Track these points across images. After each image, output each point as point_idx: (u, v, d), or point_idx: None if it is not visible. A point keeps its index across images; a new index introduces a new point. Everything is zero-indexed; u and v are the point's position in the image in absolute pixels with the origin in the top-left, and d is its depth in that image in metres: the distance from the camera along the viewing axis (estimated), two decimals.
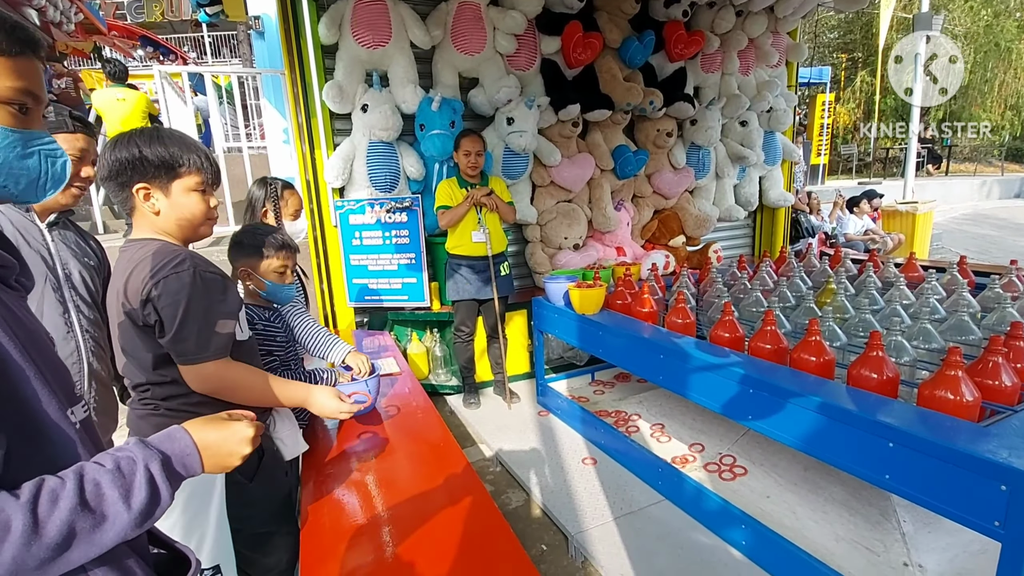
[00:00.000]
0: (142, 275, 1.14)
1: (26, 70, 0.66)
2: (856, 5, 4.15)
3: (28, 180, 0.68)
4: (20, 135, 0.66)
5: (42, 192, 0.70)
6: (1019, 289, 2.29)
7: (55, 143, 0.71)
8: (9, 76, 0.64)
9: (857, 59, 19.54)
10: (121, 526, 0.62)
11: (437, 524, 1.29)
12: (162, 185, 1.17)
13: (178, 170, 1.17)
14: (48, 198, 0.72)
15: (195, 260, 1.20)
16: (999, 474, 1.20)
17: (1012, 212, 11.65)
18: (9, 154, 0.65)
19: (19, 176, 0.67)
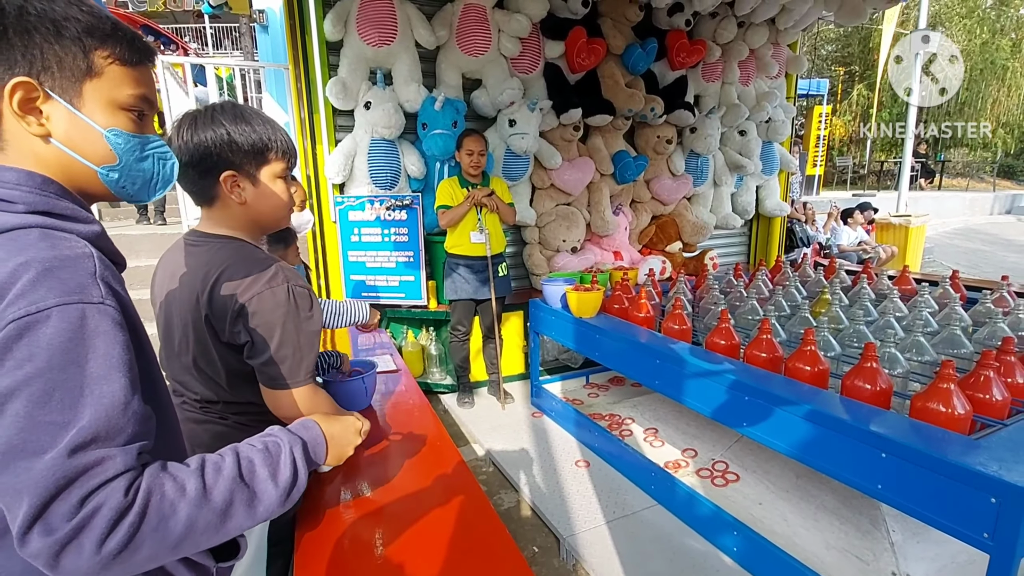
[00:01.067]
0: (232, 286, 1.03)
1: (144, 78, 0.71)
2: (856, 20, 4.19)
3: (143, 181, 0.73)
4: (139, 139, 0.71)
5: (154, 192, 0.75)
6: (1010, 304, 2.32)
7: (165, 146, 0.75)
8: (131, 84, 0.69)
9: (854, 72, 19.72)
10: (269, 502, 0.70)
11: (432, 522, 1.29)
12: (250, 173, 1.05)
13: (267, 155, 1.05)
14: (158, 197, 0.77)
15: (286, 272, 1.09)
16: (990, 487, 1.22)
17: (1003, 228, 11.79)
18: (129, 157, 0.71)
19: (136, 177, 0.72)
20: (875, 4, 4.02)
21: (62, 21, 0.63)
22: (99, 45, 0.66)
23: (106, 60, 0.67)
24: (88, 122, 0.67)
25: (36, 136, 0.65)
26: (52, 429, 0.55)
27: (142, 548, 0.58)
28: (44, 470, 0.54)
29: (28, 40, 0.61)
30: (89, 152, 0.68)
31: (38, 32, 0.62)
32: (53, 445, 0.54)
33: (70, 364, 0.56)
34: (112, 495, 0.56)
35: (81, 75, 0.65)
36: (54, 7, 0.63)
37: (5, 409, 0.54)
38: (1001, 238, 10.66)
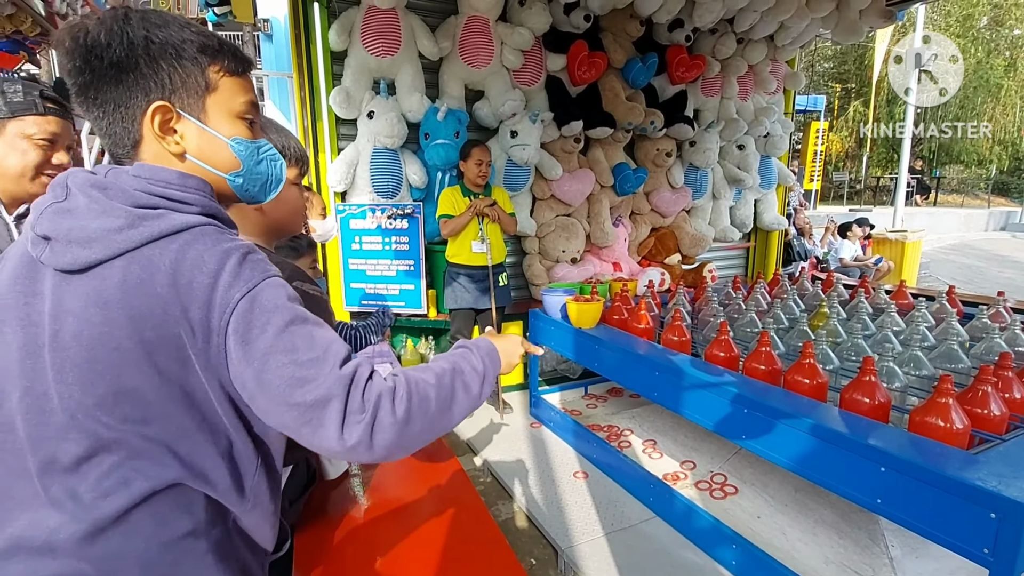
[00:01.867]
0: None
1: (249, 85, 0.78)
2: (854, 38, 4.26)
3: (262, 183, 0.81)
4: (255, 144, 0.78)
5: (270, 191, 0.83)
6: (1006, 320, 2.33)
7: (273, 148, 0.82)
8: (242, 93, 0.76)
9: (851, 89, 19.97)
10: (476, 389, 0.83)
11: (430, 532, 1.29)
12: None
13: None
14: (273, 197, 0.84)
15: (301, 277, 1.13)
16: (989, 502, 1.22)
17: (997, 244, 11.88)
18: (250, 162, 0.78)
19: (256, 180, 0.80)
20: (871, 23, 4.09)
21: (180, 44, 0.69)
22: (211, 61, 0.72)
23: (219, 74, 0.73)
24: (215, 134, 0.74)
25: (174, 155, 0.72)
26: (313, 363, 0.67)
27: (415, 420, 0.71)
28: (333, 383, 0.66)
29: (157, 67, 0.68)
30: (218, 162, 0.75)
31: (164, 58, 0.68)
32: (324, 370, 0.67)
33: (295, 318, 0.68)
34: (378, 383, 0.70)
35: (202, 91, 0.72)
36: (171, 33, 0.69)
37: (269, 363, 0.65)
38: (996, 254, 10.74)
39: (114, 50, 0.66)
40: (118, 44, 0.66)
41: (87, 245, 0.64)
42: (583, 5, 3.51)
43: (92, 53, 0.66)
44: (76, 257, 0.64)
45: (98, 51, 0.65)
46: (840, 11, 3.98)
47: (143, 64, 0.67)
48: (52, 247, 0.65)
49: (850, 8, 3.92)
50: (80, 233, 0.65)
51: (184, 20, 0.71)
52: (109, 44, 0.66)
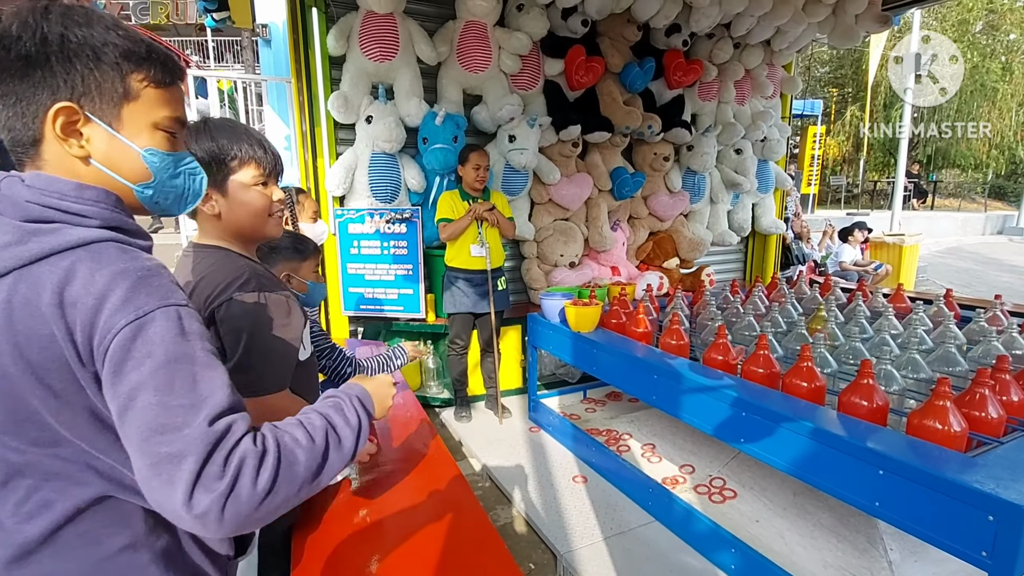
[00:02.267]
0: (205, 293, 1.07)
1: (176, 97, 0.74)
2: (850, 42, 4.29)
3: (176, 196, 0.77)
4: (173, 157, 0.75)
5: (186, 205, 0.80)
6: (1003, 323, 2.34)
7: (195, 162, 0.79)
8: (165, 106, 0.72)
9: (847, 94, 20.04)
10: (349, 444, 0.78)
11: (429, 536, 1.28)
12: (217, 184, 1.07)
13: (229, 164, 1.07)
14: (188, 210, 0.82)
15: (260, 280, 1.11)
16: (987, 505, 1.22)
17: (994, 248, 11.91)
18: (164, 175, 0.74)
19: (169, 193, 0.76)
20: (868, 27, 4.11)
21: (101, 47, 0.65)
22: (135, 69, 0.68)
23: (142, 83, 0.69)
24: (127, 143, 0.69)
25: (76, 157, 0.68)
26: (183, 409, 0.61)
27: (280, 489, 0.65)
28: (193, 440, 0.60)
29: (70, 67, 0.64)
30: (126, 171, 0.71)
31: (79, 59, 0.64)
32: (191, 421, 0.61)
33: (182, 356, 0.63)
34: (247, 448, 0.64)
35: (119, 99, 0.68)
36: (93, 33, 0.65)
37: (136, 401, 0.60)
38: (993, 258, 10.76)
39: (24, 43, 0.62)
40: (29, 38, 0.62)
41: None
42: (581, 10, 3.52)
43: (1, 43, 0.62)
44: None
45: (6, 42, 0.62)
46: (836, 16, 4.01)
47: (54, 62, 0.63)
48: None
49: (846, 13, 3.94)
50: None
51: (113, 21, 0.68)
52: (20, 37, 0.62)
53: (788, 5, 3.75)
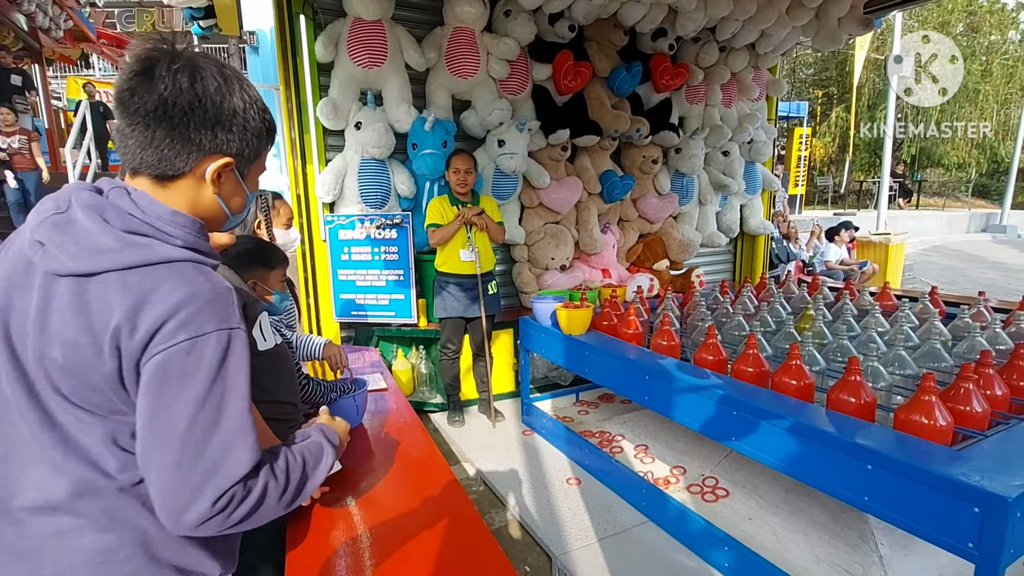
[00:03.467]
0: None
1: None
2: (833, 45, 4.35)
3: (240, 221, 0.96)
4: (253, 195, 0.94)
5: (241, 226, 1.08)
6: (987, 319, 2.38)
7: None
8: (264, 162, 0.92)
9: (832, 95, 20.31)
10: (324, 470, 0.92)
11: (424, 541, 1.28)
12: None
13: None
14: None
15: None
16: (973, 497, 1.24)
17: (978, 246, 12.09)
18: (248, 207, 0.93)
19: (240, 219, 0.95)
20: (850, 30, 4.18)
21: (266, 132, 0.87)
22: (267, 144, 0.89)
23: (265, 151, 0.91)
24: (245, 189, 0.89)
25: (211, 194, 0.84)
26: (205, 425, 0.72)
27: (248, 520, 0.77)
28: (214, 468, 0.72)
29: (244, 136, 0.83)
30: (233, 205, 0.89)
31: (248, 131, 0.83)
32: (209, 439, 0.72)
33: (219, 378, 0.74)
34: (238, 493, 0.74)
35: (252, 161, 0.88)
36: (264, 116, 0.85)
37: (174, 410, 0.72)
38: (977, 256, 10.93)
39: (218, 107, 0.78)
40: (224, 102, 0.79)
41: (75, 257, 0.71)
42: (568, 15, 3.55)
43: (199, 100, 0.76)
44: (62, 265, 0.71)
45: (205, 102, 0.77)
46: (819, 19, 4.07)
47: (235, 129, 0.81)
48: (45, 252, 0.72)
49: (829, 16, 4.01)
50: (73, 246, 0.72)
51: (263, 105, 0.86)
52: (216, 103, 0.78)
53: (772, 9, 3.80)
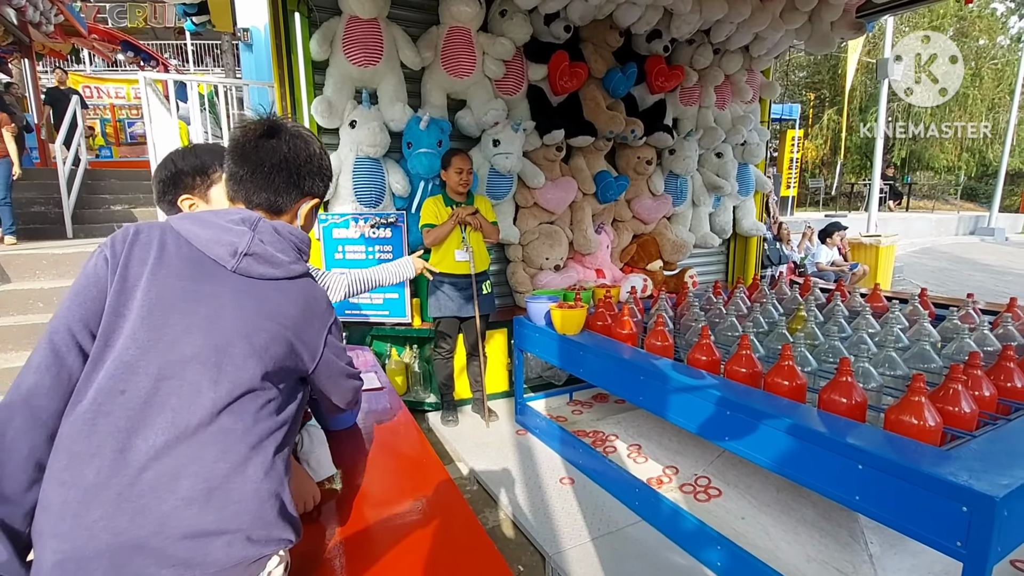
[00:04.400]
0: None
1: None
2: (826, 48, 4.38)
3: None
4: None
5: None
6: (976, 321, 2.42)
7: None
8: None
9: (824, 98, 20.47)
10: None
11: (419, 541, 1.28)
12: (201, 193, 1.27)
13: (211, 176, 1.26)
14: None
15: None
16: (961, 496, 1.26)
17: (967, 248, 12.22)
18: None
19: None
20: (843, 34, 4.21)
21: (328, 174, 1.13)
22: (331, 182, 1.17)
23: None
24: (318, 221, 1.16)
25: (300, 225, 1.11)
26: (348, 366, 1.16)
27: None
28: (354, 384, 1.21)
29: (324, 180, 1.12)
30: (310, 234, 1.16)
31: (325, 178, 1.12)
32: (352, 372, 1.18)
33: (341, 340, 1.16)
34: None
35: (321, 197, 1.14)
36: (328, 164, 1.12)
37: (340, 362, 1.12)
38: (966, 258, 11.05)
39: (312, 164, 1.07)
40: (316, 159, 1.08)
41: (277, 266, 0.97)
42: (563, 16, 3.56)
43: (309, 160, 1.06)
44: (265, 272, 0.96)
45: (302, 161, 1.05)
46: (812, 23, 4.10)
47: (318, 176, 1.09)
48: (247, 261, 0.95)
49: (822, 20, 4.04)
50: (273, 259, 0.97)
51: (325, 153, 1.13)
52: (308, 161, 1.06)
53: (766, 12, 3.83)
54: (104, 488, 0.80)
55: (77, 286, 0.91)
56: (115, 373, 0.85)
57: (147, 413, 0.84)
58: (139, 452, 0.83)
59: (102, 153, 9.81)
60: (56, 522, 0.79)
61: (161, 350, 0.87)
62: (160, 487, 0.82)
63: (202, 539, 0.82)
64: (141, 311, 0.88)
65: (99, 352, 0.87)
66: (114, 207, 6.11)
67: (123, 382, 0.85)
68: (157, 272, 0.90)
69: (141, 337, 0.87)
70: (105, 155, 9.83)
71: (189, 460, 0.84)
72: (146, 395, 0.85)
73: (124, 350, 0.86)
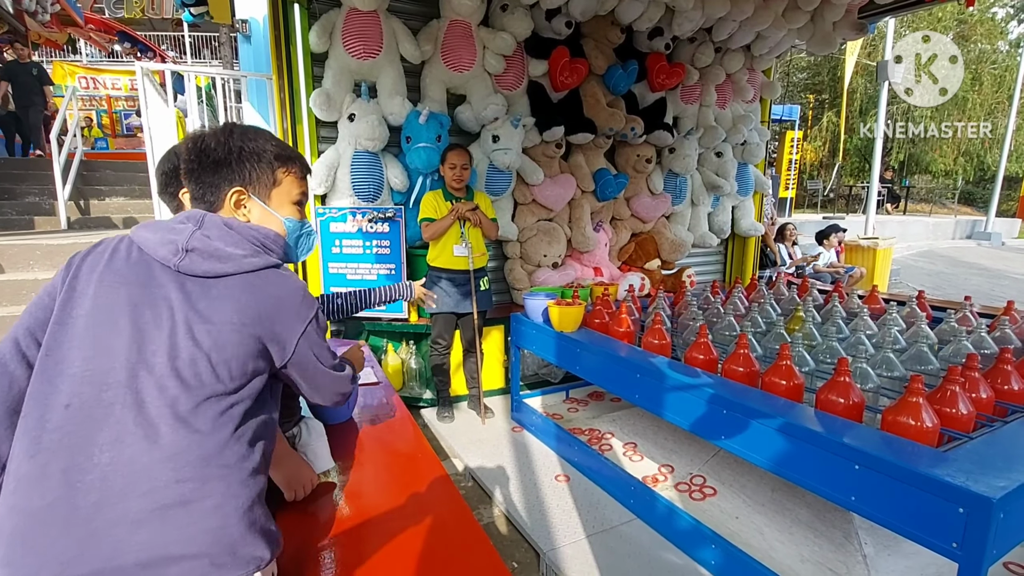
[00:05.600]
0: None
1: (304, 183, 1.12)
2: (828, 49, 4.38)
3: (295, 252, 1.14)
4: (299, 223, 1.13)
5: (300, 255, 1.18)
6: (973, 324, 2.41)
7: (311, 227, 1.18)
8: (297, 187, 1.10)
9: (824, 100, 20.49)
10: None
11: (414, 536, 1.27)
12: None
13: None
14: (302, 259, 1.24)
15: None
16: (958, 497, 1.26)
17: (964, 252, 12.26)
18: (293, 234, 1.12)
19: (296, 250, 1.14)
20: (844, 35, 4.20)
21: (261, 152, 1.03)
22: (280, 166, 1.06)
23: (284, 174, 1.07)
24: (273, 213, 1.06)
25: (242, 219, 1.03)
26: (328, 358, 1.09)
27: None
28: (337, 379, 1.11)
29: (242, 166, 1.02)
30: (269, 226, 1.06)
31: (248, 161, 1.02)
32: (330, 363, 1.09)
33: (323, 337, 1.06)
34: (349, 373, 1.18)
35: (270, 185, 1.05)
36: (257, 144, 1.02)
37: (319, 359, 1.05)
38: (963, 261, 11.09)
39: (217, 152, 1.00)
40: (221, 148, 0.99)
41: (224, 261, 0.91)
42: (565, 11, 3.54)
43: (204, 153, 1.00)
44: (211, 268, 0.90)
45: (207, 151, 0.99)
46: (815, 23, 4.09)
47: (234, 163, 1.00)
48: (190, 257, 0.89)
49: (824, 20, 4.03)
50: (219, 252, 0.92)
51: (269, 135, 1.05)
52: (215, 148, 1.00)
53: (768, 11, 3.82)
54: (50, 513, 0.75)
55: (36, 296, 0.92)
56: (59, 385, 0.81)
57: (90, 428, 0.79)
58: (83, 472, 0.77)
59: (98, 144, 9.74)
60: (6, 551, 0.75)
61: (104, 359, 0.82)
62: (107, 509, 0.76)
63: (160, 567, 0.76)
64: (86, 320, 0.85)
65: (43, 363, 0.83)
66: (109, 199, 6.07)
67: (66, 395, 0.80)
68: (103, 280, 0.88)
69: (85, 346, 0.83)
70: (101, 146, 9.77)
71: (138, 478, 0.78)
72: (89, 408, 0.79)
73: (68, 361, 0.82)
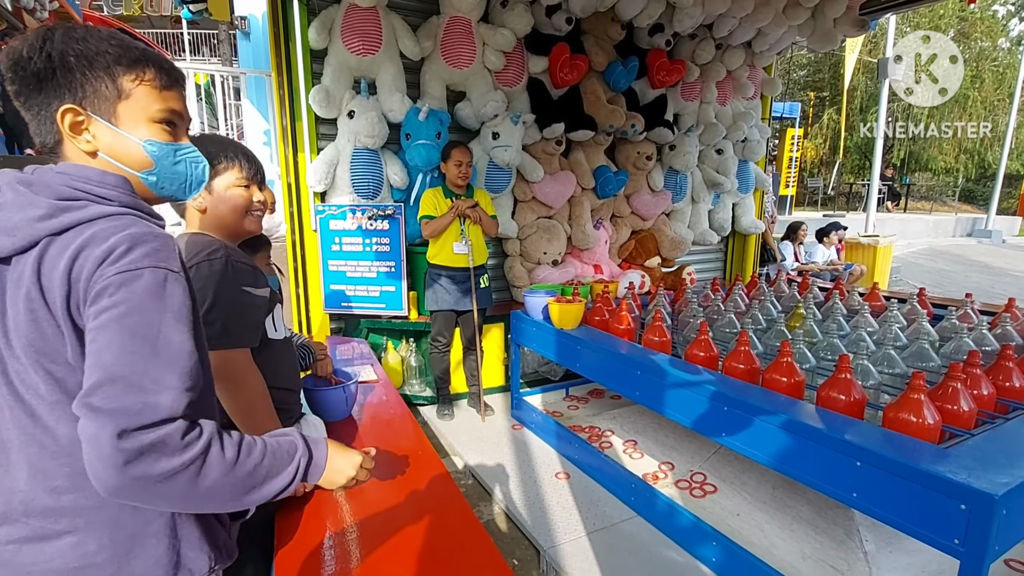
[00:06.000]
0: None
1: (174, 95, 0.84)
2: (829, 45, 4.36)
3: (179, 182, 0.86)
4: (171, 147, 0.83)
5: (190, 191, 0.88)
6: (974, 321, 2.41)
7: (196, 151, 0.88)
8: (159, 101, 0.81)
9: (825, 98, 20.44)
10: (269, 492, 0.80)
11: (415, 534, 1.27)
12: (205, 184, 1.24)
13: (216, 167, 1.26)
14: (194, 195, 0.91)
15: (228, 250, 1.26)
16: (960, 494, 1.25)
17: (964, 249, 12.25)
18: (165, 162, 0.83)
19: (172, 179, 0.85)
20: (845, 32, 4.19)
21: (94, 56, 0.75)
22: (126, 71, 0.78)
23: (134, 83, 0.79)
24: (126, 136, 0.79)
25: (87, 152, 0.78)
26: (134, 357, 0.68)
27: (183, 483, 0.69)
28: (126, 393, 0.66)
29: (70, 76, 0.75)
30: (129, 160, 0.80)
31: (76, 69, 0.75)
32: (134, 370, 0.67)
33: (152, 311, 0.70)
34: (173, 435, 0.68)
35: (114, 98, 0.78)
36: (88, 46, 0.75)
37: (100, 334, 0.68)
38: (963, 259, 11.08)
39: (34, 63, 0.73)
40: (38, 57, 0.73)
41: (11, 234, 0.71)
42: (565, 8, 3.53)
43: (18, 66, 0.74)
44: (5, 244, 0.71)
45: (22, 64, 0.74)
46: (815, 19, 4.08)
47: (59, 74, 0.74)
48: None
49: (825, 16, 4.02)
50: (6, 223, 0.71)
51: (109, 34, 0.78)
52: (31, 58, 0.73)
53: (769, 7, 3.81)
54: None
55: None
56: None
57: None
58: None
59: None
60: None
61: None
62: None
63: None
64: None
65: None
66: None
67: None
68: None
69: None
70: None
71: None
72: None
73: None
